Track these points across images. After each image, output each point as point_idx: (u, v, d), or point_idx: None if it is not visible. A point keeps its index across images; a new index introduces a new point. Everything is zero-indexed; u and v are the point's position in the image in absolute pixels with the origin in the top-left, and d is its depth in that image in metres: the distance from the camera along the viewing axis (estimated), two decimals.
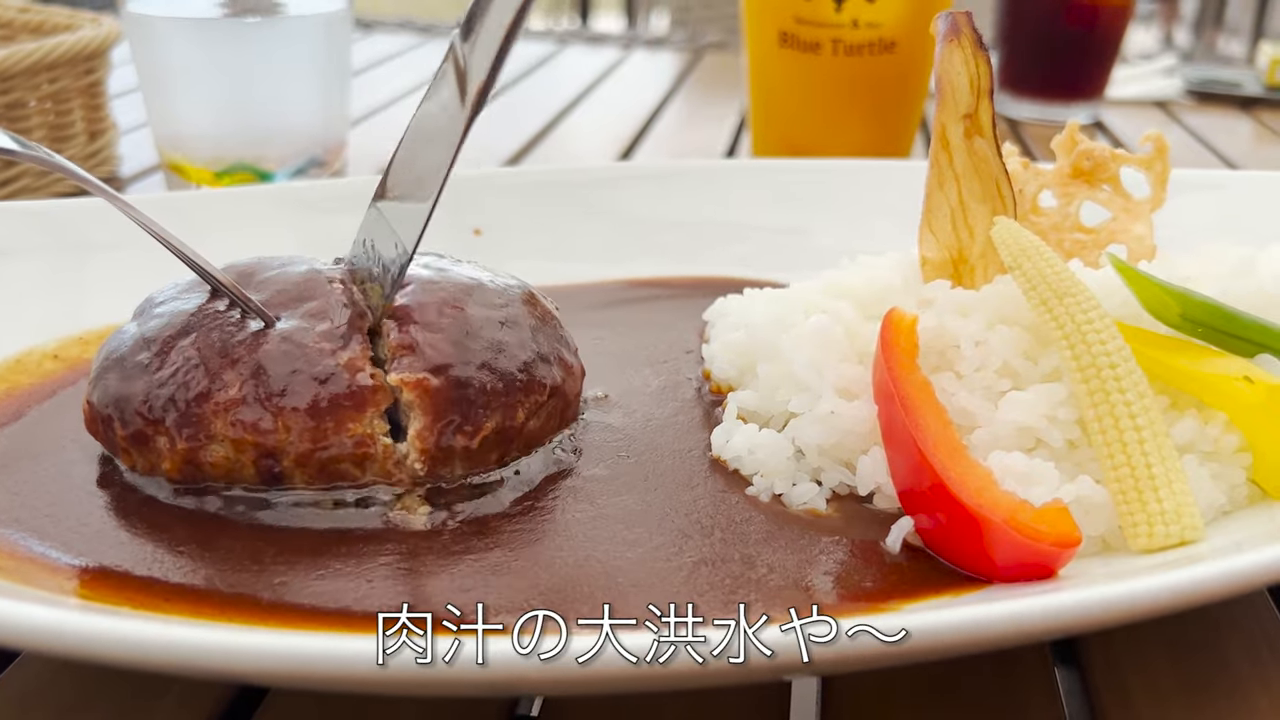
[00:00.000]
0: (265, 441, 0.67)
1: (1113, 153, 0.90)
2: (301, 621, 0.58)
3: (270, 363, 0.68)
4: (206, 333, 0.71)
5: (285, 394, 0.67)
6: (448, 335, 0.72)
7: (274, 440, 0.67)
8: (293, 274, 0.76)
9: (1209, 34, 3.68)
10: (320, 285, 0.74)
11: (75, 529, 0.66)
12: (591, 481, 0.72)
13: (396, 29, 2.60)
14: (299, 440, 0.67)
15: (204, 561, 0.63)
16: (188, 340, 0.70)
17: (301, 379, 0.68)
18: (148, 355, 0.71)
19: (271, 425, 0.67)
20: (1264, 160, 1.65)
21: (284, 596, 0.60)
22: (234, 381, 0.68)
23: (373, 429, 0.68)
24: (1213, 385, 0.67)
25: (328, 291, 0.74)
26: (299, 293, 0.74)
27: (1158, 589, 0.51)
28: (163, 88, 1.26)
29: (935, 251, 0.81)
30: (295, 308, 0.72)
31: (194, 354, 0.69)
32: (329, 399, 0.68)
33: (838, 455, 0.72)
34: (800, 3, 1.30)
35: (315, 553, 0.64)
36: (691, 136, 1.76)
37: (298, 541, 0.65)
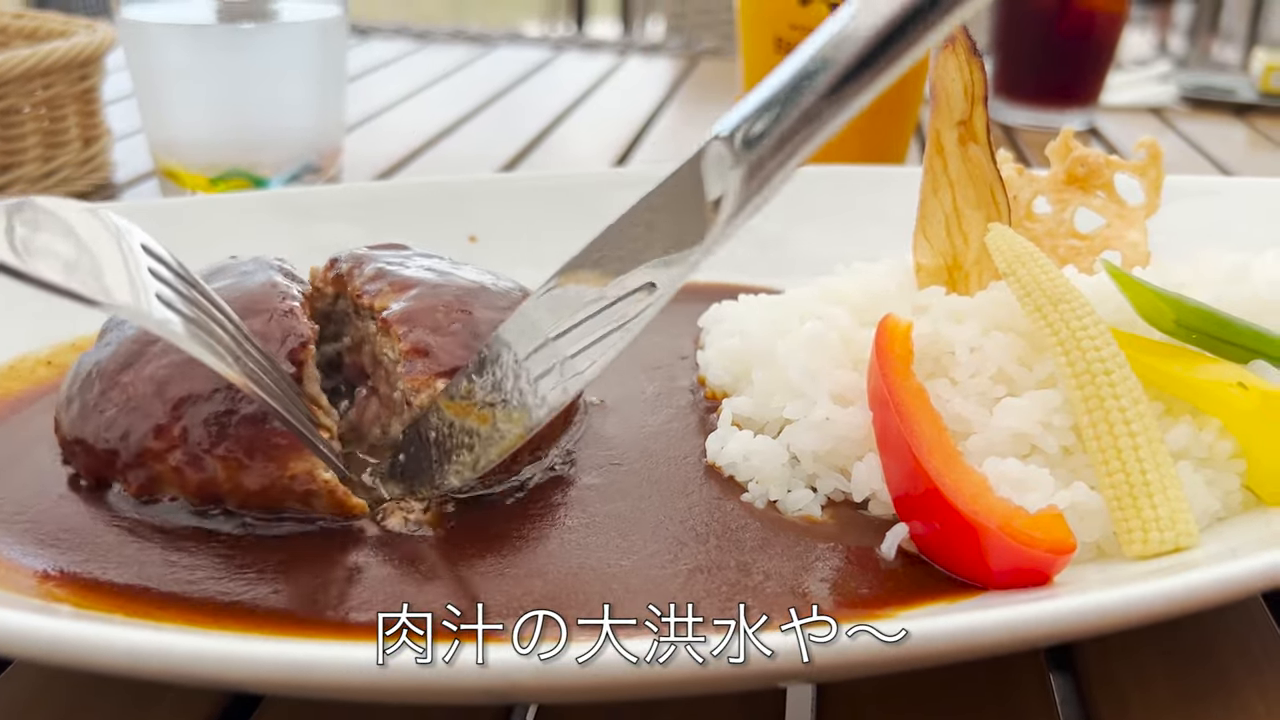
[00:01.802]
0: (205, 484, 0.66)
1: (1107, 159, 0.90)
2: (295, 629, 0.58)
3: (203, 404, 0.66)
4: (146, 365, 0.68)
5: (220, 436, 0.65)
6: (459, 339, 0.71)
7: (214, 484, 0.66)
8: (244, 290, 0.73)
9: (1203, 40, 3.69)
10: (268, 305, 0.71)
11: (62, 536, 0.65)
12: (586, 488, 0.72)
13: (392, 35, 2.60)
14: (238, 481, 0.66)
15: (198, 569, 0.63)
16: (129, 376, 0.69)
17: (237, 419, 0.66)
18: (95, 393, 0.70)
19: (209, 469, 0.66)
20: (1258, 167, 1.65)
21: (277, 604, 0.60)
22: (170, 424, 0.66)
23: (313, 465, 0.66)
24: (1207, 391, 0.67)
25: (274, 312, 0.71)
26: (242, 312, 0.70)
27: (1153, 595, 0.51)
28: (157, 94, 1.26)
29: (930, 258, 0.81)
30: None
31: (135, 393, 0.68)
32: (264, 440, 0.65)
33: (833, 462, 0.72)
34: (796, 8, 1.31)
35: (312, 560, 0.64)
36: (687, 142, 1.75)
37: (290, 549, 0.65)
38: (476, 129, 1.80)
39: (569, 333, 0.62)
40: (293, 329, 0.70)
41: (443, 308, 0.74)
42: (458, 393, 0.67)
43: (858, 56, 0.50)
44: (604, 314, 0.60)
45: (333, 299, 0.81)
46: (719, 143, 0.55)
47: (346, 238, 0.83)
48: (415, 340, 0.71)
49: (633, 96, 2.08)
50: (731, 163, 0.54)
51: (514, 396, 0.64)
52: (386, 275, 0.77)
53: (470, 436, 0.66)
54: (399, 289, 0.76)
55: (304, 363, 0.70)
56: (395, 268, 0.78)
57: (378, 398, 0.76)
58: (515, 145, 1.69)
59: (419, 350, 0.70)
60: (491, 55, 2.43)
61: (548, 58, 2.40)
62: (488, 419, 0.65)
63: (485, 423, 0.66)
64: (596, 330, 0.60)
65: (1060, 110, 1.78)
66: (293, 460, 0.66)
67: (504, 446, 0.65)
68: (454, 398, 0.67)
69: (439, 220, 1.04)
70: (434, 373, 0.69)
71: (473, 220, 1.07)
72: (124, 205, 1.16)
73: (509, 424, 0.64)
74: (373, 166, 1.54)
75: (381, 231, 0.88)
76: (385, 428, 0.74)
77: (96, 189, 1.40)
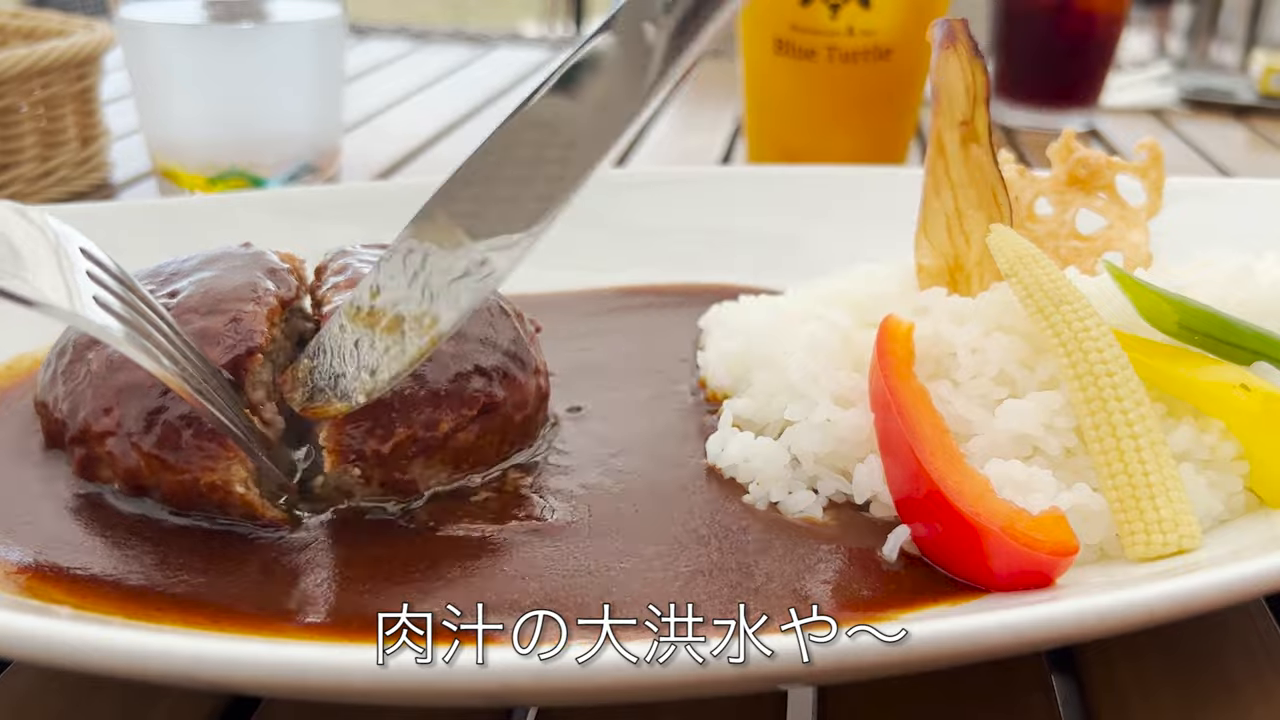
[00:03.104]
0: (131, 474, 0.67)
1: (1109, 160, 0.90)
2: (290, 631, 0.58)
3: (141, 395, 0.66)
4: (108, 347, 0.68)
5: (148, 431, 0.66)
6: None
7: (139, 476, 0.66)
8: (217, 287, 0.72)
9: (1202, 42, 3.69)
10: (228, 307, 0.70)
11: (60, 536, 0.65)
12: (586, 490, 0.72)
13: (390, 35, 2.60)
14: (160, 478, 0.66)
15: (195, 570, 0.63)
16: (92, 353, 0.70)
17: (165, 418, 0.66)
18: (64, 362, 0.71)
19: (134, 461, 0.66)
20: (1258, 168, 1.65)
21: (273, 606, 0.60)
22: (111, 408, 0.67)
23: (229, 475, 0.65)
24: (1209, 393, 0.67)
25: (231, 315, 0.70)
26: (204, 308, 0.70)
27: (1155, 598, 0.50)
28: (156, 93, 1.26)
29: (931, 259, 0.80)
30: (187, 324, 0.69)
31: (92, 370, 0.69)
32: (186, 443, 0.65)
33: (834, 463, 0.71)
34: (796, 10, 1.30)
35: (309, 561, 0.64)
36: (686, 143, 1.76)
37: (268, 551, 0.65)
38: (475, 129, 1.80)
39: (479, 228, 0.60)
40: (243, 335, 0.69)
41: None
42: (363, 306, 0.65)
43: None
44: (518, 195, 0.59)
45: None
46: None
47: (345, 238, 0.83)
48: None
49: None
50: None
51: (423, 304, 0.62)
52: (348, 270, 0.76)
53: (380, 348, 0.64)
54: (353, 284, 0.73)
55: (247, 370, 0.68)
56: (364, 265, 0.77)
57: None
58: None
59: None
60: (490, 56, 2.43)
61: (546, 58, 2.40)
62: (396, 327, 0.64)
63: (393, 332, 0.64)
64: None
65: (1060, 111, 1.78)
66: (209, 469, 0.65)
67: (413, 356, 0.63)
68: (360, 310, 0.65)
69: None
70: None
71: None
72: (122, 205, 1.15)
73: (417, 333, 0.63)
74: (371, 167, 1.54)
75: (380, 232, 0.87)
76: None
77: (94, 189, 1.39)
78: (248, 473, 0.66)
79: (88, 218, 0.98)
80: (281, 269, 0.77)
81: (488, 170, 0.60)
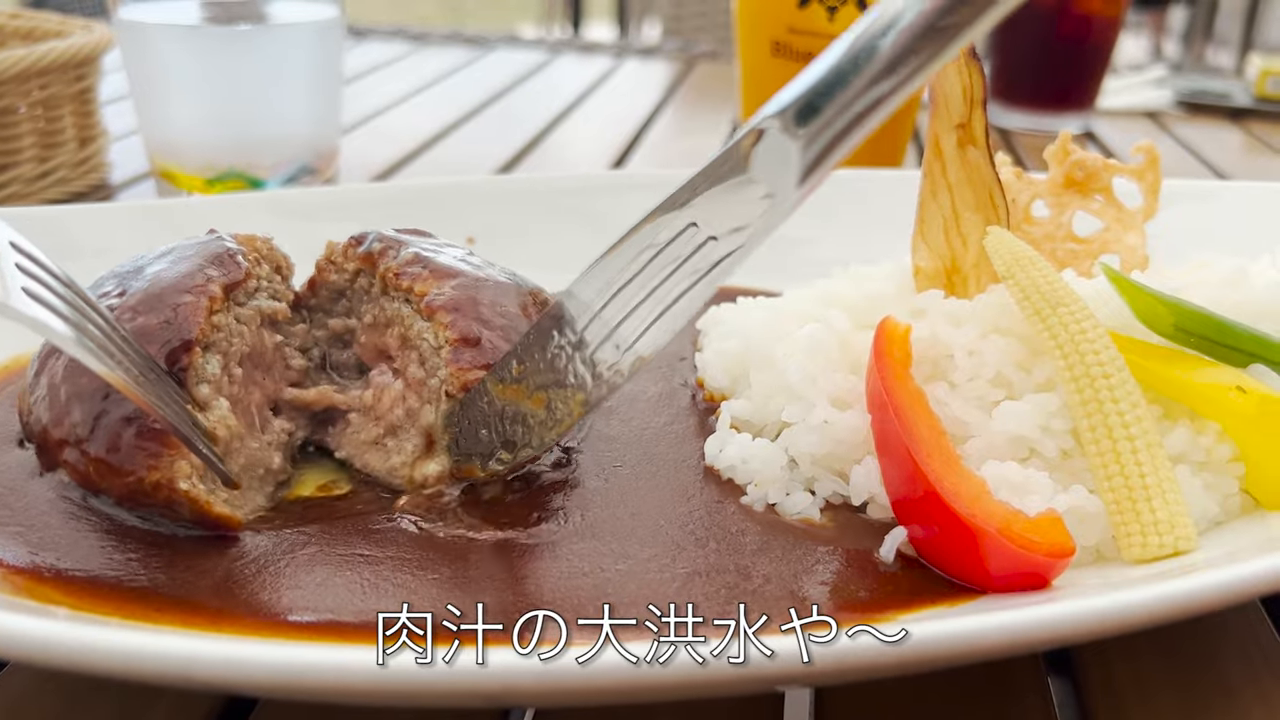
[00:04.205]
0: (85, 479, 0.66)
1: (1105, 163, 0.90)
2: (287, 632, 0.58)
3: (85, 400, 0.66)
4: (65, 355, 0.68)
5: (92, 434, 0.65)
6: (503, 333, 0.72)
7: (90, 480, 0.66)
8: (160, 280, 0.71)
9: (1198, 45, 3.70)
10: (168, 300, 0.69)
11: (57, 536, 0.65)
12: (585, 491, 0.72)
13: (389, 37, 2.60)
14: (109, 481, 0.65)
15: (194, 572, 0.63)
16: (53, 361, 0.69)
17: (108, 420, 0.65)
18: (36, 367, 0.71)
19: (85, 467, 0.66)
20: (1253, 171, 1.66)
21: (273, 607, 0.60)
22: (63, 417, 0.67)
23: (173, 472, 0.64)
24: (1206, 395, 0.67)
25: (171, 308, 0.69)
26: (143, 305, 0.69)
27: (1151, 599, 0.51)
28: (154, 94, 1.26)
29: (929, 261, 0.81)
30: (128, 323, 0.68)
31: (52, 379, 0.68)
32: (127, 443, 0.64)
33: (831, 465, 0.71)
34: (794, 12, 1.31)
35: (308, 563, 0.64)
36: (684, 145, 1.76)
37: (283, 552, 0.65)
38: (473, 131, 1.80)
39: (615, 299, 0.64)
40: (177, 330, 0.68)
41: (487, 301, 0.73)
42: (507, 376, 0.68)
43: (912, 33, 0.53)
44: (651, 267, 0.62)
45: (351, 275, 0.79)
46: (770, 120, 0.58)
47: (343, 239, 0.83)
48: (464, 329, 0.71)
49: (629, 99, 2.08)
50: (788, 137, 0.57)
51: (569, 377, 0.66)
52: (425, 261, 0.76)
53: (524, 419, 0.67)
54: (440, 276, 0.75)
55: (187, 365, 0.67)
56: (432, 254, 0.77)
57: (404, 380, 0.75)
58: (512, 147, 1.69)
59: (468, 340, 0.70)
60: (488, 57, 2.43)
61: (544, 60, 2.40)
62: (542, 401, 0.67)
63: (540, 405, 0.67)
64: (646, 288, 0.63)
65: (1057, 114, 1.78)
66: (152, 468, 0.64)
67: (564, 427, 0.67)
68: (504, 381, 0.68)
69: (436, 222, 1.04)
70: (481, 363, 0.70)
71: (470, 222, 1.07)
72: (120, 206, 1.15)
73: (566, 404, 0.66)
74: (369, 168, 1.54)
75: None
76: (414, 412, 0.74)
77: (93, 189, 1.39)
78: (193, 468, 0.65)
79: (86, 218, 0.99)
80: (233, 251, 0.74)
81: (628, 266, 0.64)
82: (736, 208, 0.59)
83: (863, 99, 0.55)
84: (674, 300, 0.62)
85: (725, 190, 0.59)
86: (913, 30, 0.53)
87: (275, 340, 0.76)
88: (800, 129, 0.56)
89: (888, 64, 0.54)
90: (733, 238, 0.60)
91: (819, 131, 0.56)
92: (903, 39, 0.53)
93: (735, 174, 0.59)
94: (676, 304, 0.62)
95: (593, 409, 0.66)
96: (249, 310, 0.74)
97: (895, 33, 0.54)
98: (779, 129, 0.57)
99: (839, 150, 0.56)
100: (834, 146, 0.56)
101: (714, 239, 0.60)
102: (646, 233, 0.62)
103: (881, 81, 0.54)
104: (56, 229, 0.96)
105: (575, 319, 0.65)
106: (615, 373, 0.64)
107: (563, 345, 0.66)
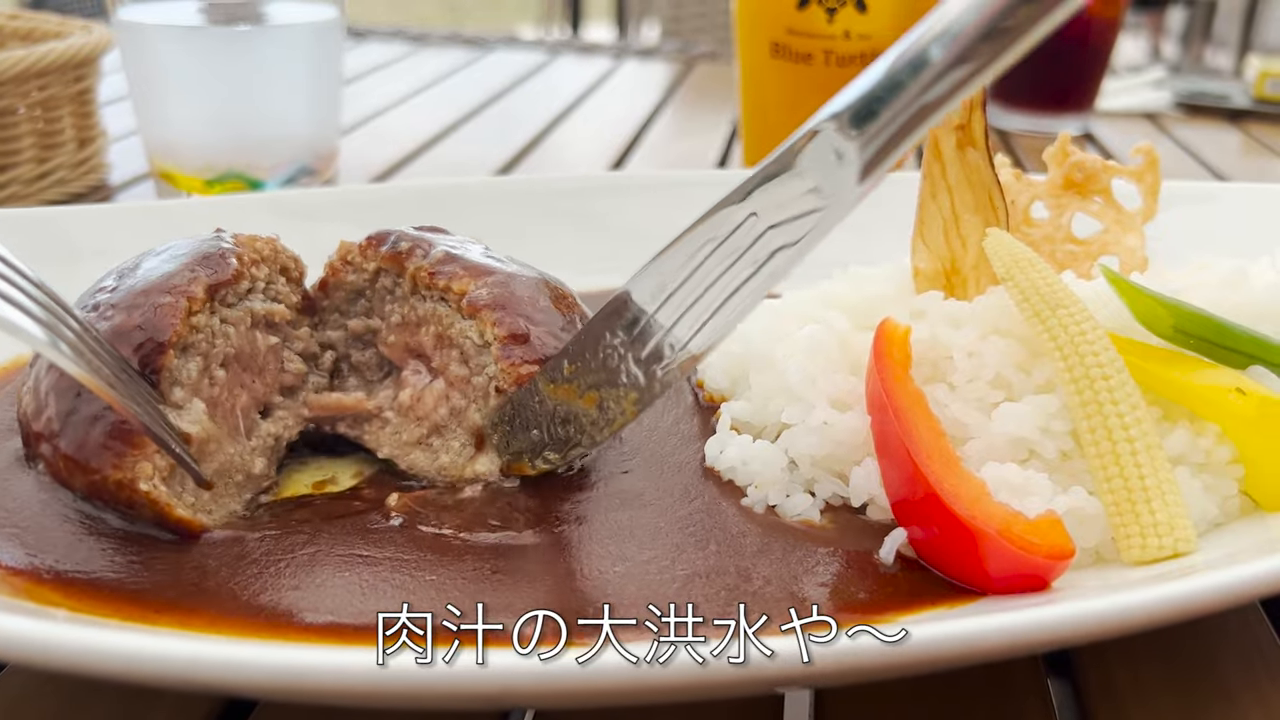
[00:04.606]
0: (61, 477, 0.67)
1: (1104, 164, 0.90)
2: (287, 634, 0.58)
3: (60, 397, 0.66)
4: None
5: (63, 431, 0.66)
6: (548, 327, 0.72)
7: (64, 477, 0.66)
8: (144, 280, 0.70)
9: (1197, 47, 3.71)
10: (145, 301, 0.69)
11: (55, 537, 0.65)
12: (583, 492, 0.72)
13: (388, 37, 2.60)
14: (80, 478, 0.65)
15: (193, 573, 0.63)
16: (39, 362, 0.70)
17: (77, 418, 0.65)
18: (31, 359, 0.72)
19: (58, 463, 0.66)
20: (1252, 172, 1.66)
21: (272, 609, 0.60)
22: (40, 411, 0.67)
23: (135, 472, 0.64)
24: (1205, 397, 0.67)
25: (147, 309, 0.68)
26: (124, 303, 0.69)
27: (1151, 601, 0.51)
28: (154, 95, 1.26)
29: (928, 262, 0.81)
30: (107, 320, 0.68)
31: (39, 371, 0.69)
32: (93, 442, 0.65)
33: (831, 466, 0.71)
34: (792, 13, 1.31)
35: (307, 564, 0.64)
36: (683, 147, 1.76)
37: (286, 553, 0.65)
38: (472, 132, 1.80)
39: (670, 299, 0.64)
40: (152, 330, 0.67)
41: (525, 296, 0.74)
42: (559, 376, 0.68)
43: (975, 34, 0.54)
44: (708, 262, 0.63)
45: (371, 275, 0.79)
46: (827, 123, 0.58)
47: (350, 240, 0.82)
48: (512, 326, 0.71)
49: (628, 100, 2.08)
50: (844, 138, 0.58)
51: (622, 376, 0.66)
52: (458, 259, 0.76)
53: (576, 419, 0.68)
54: (475, 274, 0.75)
55: (159, 367, 0.67)
56: (461, 252, 0.77)
57: (445, 379, 0.75)
58: (511, 149, 1.69)
59: (518, 336, 0.71)
60: (487, 59, 2.43)
61: (543, 61, 2.40)
62: (594, 400, 0.67)
63: (592, 404, 0.68)
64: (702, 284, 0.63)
65: (1056, 116, 1.78)
66: (116, 466, 0.64)
67: (617, 426, 0.67)
68: (555, 381, 0.69)
69: (435, 223, 1.04)
70: (533, 359, 0.70)
71: (469, 223, 1.06)
72: (118, 207, 1.15)
73: (619, 404, 0.67)
74: (369, 169, 1.54)
75: None
76: (460, 411, 0.74)
77: (92, 190, 1.39)
78: (155, 470, 0.65)
79: (85, 219, 0.99)
80: (225, 251, 0.73)
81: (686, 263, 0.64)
82: (790, 202, 0.60)
83: (920, 100, 0.55)
84: (729, 295, 0.62)
85: (778, 184, 0.60)
86: (971, 34, 0.53)
87: (270, 342, 0.75)
88: (857, 131, 0.57)
89: (945, 68, 0.54)
90: (788, 229, 0.60)
91: (877, 133, 0.57)
92: (961, 43, 0.54)
93: (786, 169, 0.60)
94: (731, 299, 0.62)
95: (646, 408, 0.66)
96: (238, 311, 0.73)
97: (952, 37, 0.54)
98: (834, 130, 0.58)
99: (898, 149, 0.57)
100: (893, 146, 0.57)
101: (772, 228, 0.61)
102: (703, 229, 0.63)
103: (939, 84, 0.55)
104: (55, 230, 0.96)
105: (629, 319, 0.65)
106: (669, 371, 0.65)
107: (615, 345, 0.66)
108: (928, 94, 0.55)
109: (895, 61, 0.56)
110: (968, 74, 0.54)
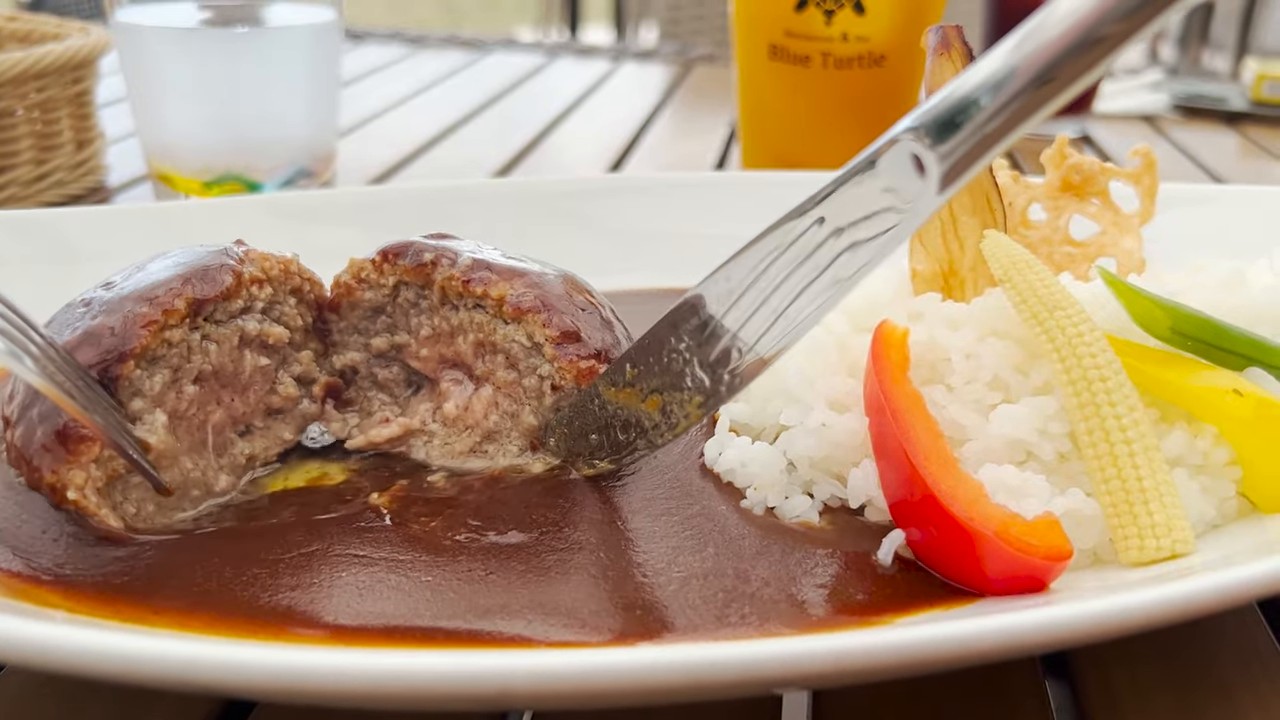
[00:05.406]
0: (10, 461, 0.68)
1: (1102, 166, 0.90)
2: (286, 635, 0.58)
3: (27, 388, 0.67)
4: None
5: (18, 421, 0.67)
6: (593, 323, 0.73)
7: (14, 464, 0.68)
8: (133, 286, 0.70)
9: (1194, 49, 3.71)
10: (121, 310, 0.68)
11: (53, 539, 0.65)
12: (581, 493, 0.72)
13: (386, 39, 2.60)
14: (23, 471, 0.67)
15: (191, 574, 0.63)
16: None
17: (31, 414, 0.66)
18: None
19: (11, 451, 0.68)
20: (1250, 174, 1.66)
21: (271, 609, 0.60)
22: (11, 397, 0.69)
23: (67, 479, 0.64)
24: (1202, 398, 0.67)
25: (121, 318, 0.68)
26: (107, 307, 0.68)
27: (1149, 602, 0.51)
28: (151, 97, 1.26)
29: (926, 264, 0.81)
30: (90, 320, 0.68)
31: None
32: (38, 443, 0.65)
33: (829, 468, 0.71)
34: (790, 16, 1.31)
35: (306, 564, 0.64)
36: (681, 148, 1.76)
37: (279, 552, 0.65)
38: (471, 134, 1.80)
39: (737, 303, 0.64)
40: (118, 339, 0.67)
41: (561, 294, 0.74)
42: (620, 380, 0.69)
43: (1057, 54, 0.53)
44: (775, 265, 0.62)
45: (392, 290, 0.78)
46: (907, 133, 0.58)
47: (341, 242, 0.83)
48: (562, 325, 0.72)
49: (626, 103, 2.08)
50: (923, 148, 0.57)
51: (686, 380, 0.66)
52: (488, 264, 0.75)
53: (638, 422, 0.69)
54: (509, 277, 0.75)
55: (118, 375, 0.66)
56: (486, 256, 0.77)
57: (493, 385, 0.75)
58: (509, 151, 1.69)
59: (569, 334, 0.72)
60: (485, 61, 2.43)
61: (542, 63, 2.41)
62: (657, 404, 0.68)
63: (655, 408, 0.68)
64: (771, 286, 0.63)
65: (1053, 118, 1.78)
66: (52, 470, 0.64)
67: (681, 429, 0.68)
68: (616, 385, 0.69)
69: (433, 225, 1.04)
70: (587, 354, 0.71)
71: (467, 225, 1.06)
72: (117, 209, 1.15)
73: (683, 408, 0.67)
74: (367, 171, 1.54)
75: (376, 236, 0.87)
76: (512, 415, 0.74)
77: (90, 192, 1.39)
78: (89, 479, 0.65)
79: (83, 221, 0.99)
80: (225, 266, 0.72)
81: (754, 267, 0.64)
82: (863, 203, 0.60)
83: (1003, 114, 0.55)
84: (795, 297, 0.62)
85: (853, 187, 0.60)
86: (1063, 45, 0.53)
87: (260, 363, 0.74)
88: (939, 143, 0.57)
89: (1035, 79, 0.54)
90: (857, 229, 0.60)
91: (958, 145, 0.56)
92: (1051, 54, 0.53)
93: (862, 173, 0.60)
94: (798, 300, 0.62)
95: (711, 411, 0.67)
96: (226, 329, 0.72)
97: (1042, 48, 0.53)
98: (913, 140, 0.57)
99: (980, 161, 0.57)
100: (974, 158, 0.56)
101: (842, 230, 0.61)
102: (774, 236, 0.63)
103: (1026, 95, 0.54)
104: (53, 232, 0.96)
105: (697, 323, 0.65)
106: (736, 374, 0.65)
107: (680, 349, 0.66)
108: (1009, 108, 0.54)
109: (980, 75, 0.56)
110: (1065, 81, 0.53)
